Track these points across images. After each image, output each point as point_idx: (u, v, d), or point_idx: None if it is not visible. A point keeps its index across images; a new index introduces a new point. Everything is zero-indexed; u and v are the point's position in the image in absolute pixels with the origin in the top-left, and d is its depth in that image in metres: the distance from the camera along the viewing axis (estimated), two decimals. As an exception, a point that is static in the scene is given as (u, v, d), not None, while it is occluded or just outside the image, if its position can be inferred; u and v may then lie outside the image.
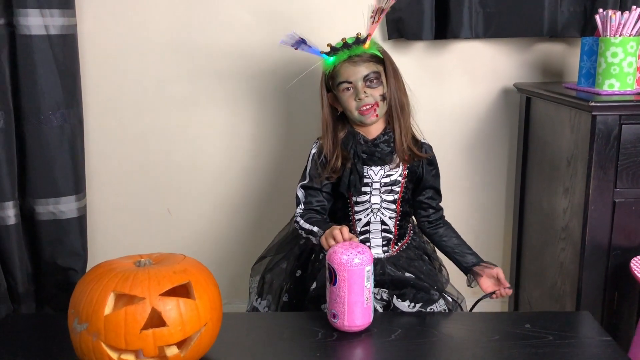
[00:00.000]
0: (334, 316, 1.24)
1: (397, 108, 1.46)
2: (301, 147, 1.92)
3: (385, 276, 1.49)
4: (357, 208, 1.51)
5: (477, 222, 2.12)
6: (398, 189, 1.50)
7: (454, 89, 2.03)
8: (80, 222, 1.95)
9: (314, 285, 1.50)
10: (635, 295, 1.52)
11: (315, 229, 1.42)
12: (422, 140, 1.53)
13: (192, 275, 1.10)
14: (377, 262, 1.49)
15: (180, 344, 1.07)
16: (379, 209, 1.51)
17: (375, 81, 1.42)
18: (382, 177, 1.49)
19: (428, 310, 1.45)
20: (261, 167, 2.11)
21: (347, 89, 1.42)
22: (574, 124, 1.54)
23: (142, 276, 1.06)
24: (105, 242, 2.14)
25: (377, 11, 1.44)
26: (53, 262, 1.91)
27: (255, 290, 1.65)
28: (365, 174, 1.48)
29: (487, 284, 1.44)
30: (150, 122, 2.05)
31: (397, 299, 1.45)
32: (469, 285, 1.50)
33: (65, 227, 1.90)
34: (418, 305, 1.46)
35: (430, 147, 1.53)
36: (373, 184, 1.49)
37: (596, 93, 1.53)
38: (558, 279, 1.66)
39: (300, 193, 1.54)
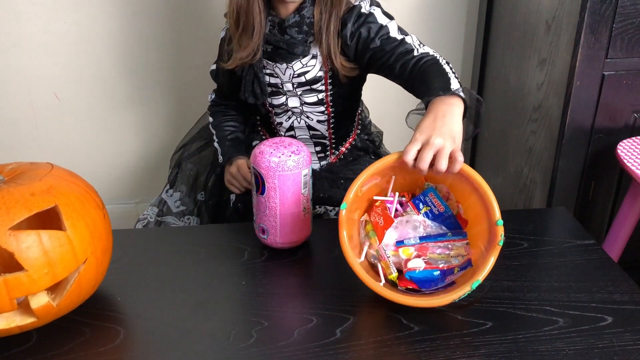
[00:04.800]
0: (263, 231, 0.97)
1: None
2: (214, 22, 1.59)
3: (317, 192, 1.20)
4: (276, 110, 1.20)
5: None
6: (322, 87, 1.14)
7: None
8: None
9: (233, 198, 1.21)
10: (613, 184, 1.33)
11: (220, 151, 1.17)
12: (354, 4, 1.09)
13: (61, 196, 0.79)
14: None
15: (52, 290, 0.79)
16: (300, 113, 1.19)
17: None
18: (293, 77, 1.13)
19: None
20: (171, 46, 1.72)
21: None
22: (560, -24, 1.24)
23: (-17, 202, 0.74)
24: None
25: None
26: None
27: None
28: (270, 71, 1.13)
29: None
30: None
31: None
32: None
33: None
34: None
35: (369, 2, 1.10)
36: (283, 85, 1.15)
37: None
38: (525, 166, 1.45)
39: (213, 74, 1.23)
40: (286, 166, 0.92)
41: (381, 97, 1.50)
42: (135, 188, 1.89)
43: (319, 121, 1.19)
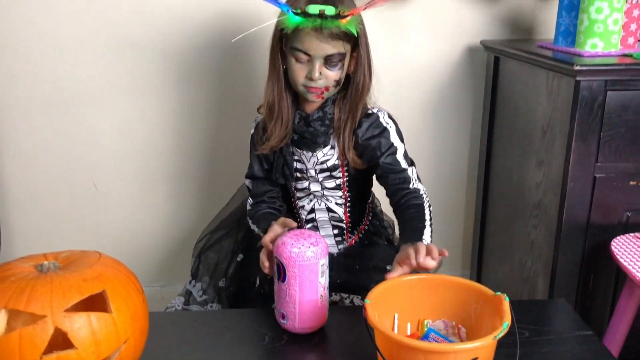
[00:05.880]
0: (283, 317, 1.06)
1: (358, 88, 1.22)
2: (244, 115, 1.72)
3: (335, 277, 1.29)
4: (298, 194, 1.33)
5: (436, 192, 1.96)
6: (339, 174, 1.30)
7: (415, 45, 1.84)
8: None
9: (258, 282, 1.31)
10: (611, 277, 1.40)
11: (256, 229, 1.26)
12: (374, 111, 1.26)
13: (108, 282, 0.89)
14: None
15: (95, 367, 0.88)
16: (321, 196, 1.33)
17: (336, 64, 1.17)
18: (316, 164, 1.28)
19: None
20: (201, 137, 1.89)
21: (301, 60, 1.17)
22: (552, 89, 1.38)
23: (43, 287, 0.85)
24: (24, 226, 1.89)
25: None
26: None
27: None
28: (297, 158, 1.29)
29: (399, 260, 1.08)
30: (68, 89, 1.79)
31: (356, 298, 1.28)
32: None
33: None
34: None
35: (387, 115, 1.27)
36: (307, 170, 1.30)
37: (577, 54, 1.36)
38: (528, 258, 1.53)
39: (248, 182, 1.36)
40: (305, 256, 1.02)
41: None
42: (160, 271, 1.99)
43: (337, 204, 1.32)
